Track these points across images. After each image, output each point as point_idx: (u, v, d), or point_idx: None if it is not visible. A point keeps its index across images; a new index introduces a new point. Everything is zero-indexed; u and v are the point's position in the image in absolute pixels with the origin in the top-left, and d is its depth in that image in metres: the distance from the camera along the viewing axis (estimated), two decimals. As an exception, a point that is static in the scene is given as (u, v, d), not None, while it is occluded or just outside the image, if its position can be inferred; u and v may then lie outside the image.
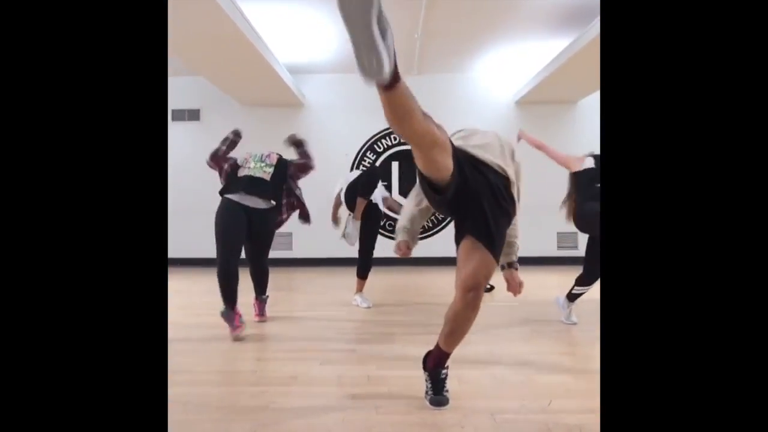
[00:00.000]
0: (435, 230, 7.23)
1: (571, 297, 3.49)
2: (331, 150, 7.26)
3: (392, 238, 2.69)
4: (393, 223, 7.17)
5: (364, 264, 4.18)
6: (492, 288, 4.79)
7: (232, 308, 3.12)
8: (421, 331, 3.18)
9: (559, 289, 4.64)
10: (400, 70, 1.44)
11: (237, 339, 3.02)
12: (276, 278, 6.29)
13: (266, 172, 3.66)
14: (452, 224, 2.19)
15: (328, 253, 7.16)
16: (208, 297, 4.08)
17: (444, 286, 5.04)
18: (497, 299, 4.37)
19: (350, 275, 4.27)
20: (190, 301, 4.35)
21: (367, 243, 4.22)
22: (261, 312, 3.69)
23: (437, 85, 7.24)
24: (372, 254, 4.21)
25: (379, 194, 4.29)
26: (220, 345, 2.93)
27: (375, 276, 5.08)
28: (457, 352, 2.14)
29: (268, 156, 3.75)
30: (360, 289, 4.20)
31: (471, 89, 7.26)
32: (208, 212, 7.15)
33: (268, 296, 3.77)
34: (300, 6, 5.18)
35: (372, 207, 4.26)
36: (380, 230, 4.91)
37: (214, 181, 5.78)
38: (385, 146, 7.27)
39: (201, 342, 3.00)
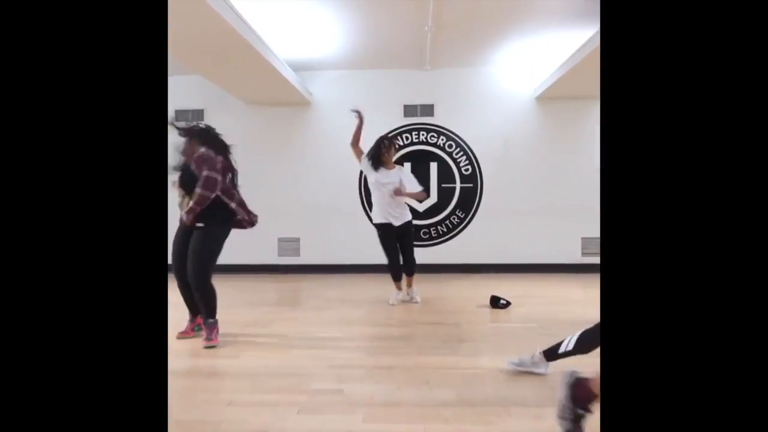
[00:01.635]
0: (448, 236, 6.83)
1: (553, 357, 2.59)
2: (341, 149, 6.89)
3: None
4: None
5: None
6: (508, 304, 4.38)
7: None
8: (425, 363, 2.81)
9: (582, 306, 4.22)
10: (411, 65, 1.34)
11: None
12: (281, 288, 6.05)
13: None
14: (466, 231, 1.93)
15: (339, 259, 6.82)
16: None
17: (456, 299, 4.66)
18: (513, 319, 3.96)
19: (359, 284, 3.90)
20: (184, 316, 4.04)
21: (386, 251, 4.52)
22: (207, 335, 3.31)
23: (451, 80, 6.81)
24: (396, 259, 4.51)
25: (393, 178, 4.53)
26: (190, 381, 2.60)
27: (378, 285, 4.74)
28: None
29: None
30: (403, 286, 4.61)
31: (488, 84, 6.81)
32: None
33: (214, 321, 3.37)
34: (302, 0, 4.84)
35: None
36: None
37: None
38: (398, 146, 6.85)
39: (171, 375, 2.68)
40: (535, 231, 6.67)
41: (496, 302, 4.41)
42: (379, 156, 4.64)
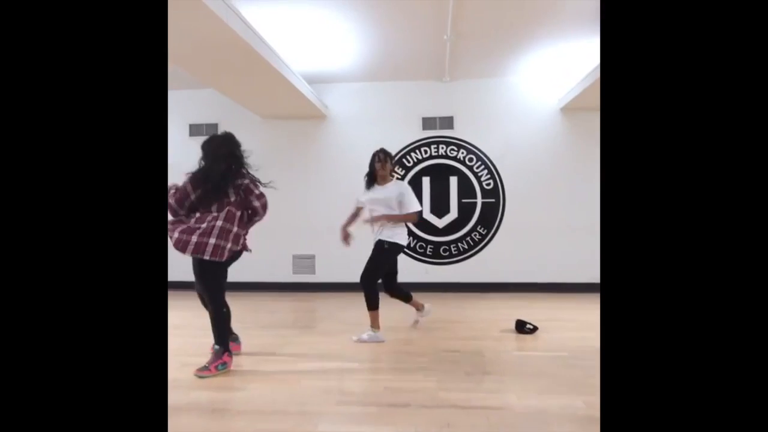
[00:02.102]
0: (468, 253, 6.54)
1: None
2: (358, 164, 6.68)
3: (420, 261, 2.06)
4: (423, 245, 6.56)
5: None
6: (535, 329, 4.08)
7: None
8: (446, 400, 2.53)
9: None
10: (429, 76, 1.05)
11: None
12: (294, 308, 5.81)
13: None
14: (487, 248, 1.75)
15: (355, 277, 6.55)
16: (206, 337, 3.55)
17: (478, 322, 4.37)
18: (541, 347, 3.66)
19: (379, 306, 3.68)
20: (186, 341, 3.83)
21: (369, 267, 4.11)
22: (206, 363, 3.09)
23: (471, 91, 6.57)
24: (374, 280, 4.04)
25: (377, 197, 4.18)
26: (186, 418, 2.37)
27: (395, 306, 4.48)
28: None
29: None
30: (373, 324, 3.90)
31: (510, 95, 6.55)
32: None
33: (219, 348, 3.13)
34: (316, 11, 4.68)
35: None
36: (406, 250, 4.29)
37: None
38: (415, 160, 6.64)
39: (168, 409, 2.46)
40: (561, 248, 6.35)
41: (521, 327, 4.11)
42: (372, 171, 4.19)
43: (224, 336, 3.13)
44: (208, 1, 3.39)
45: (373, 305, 3.86)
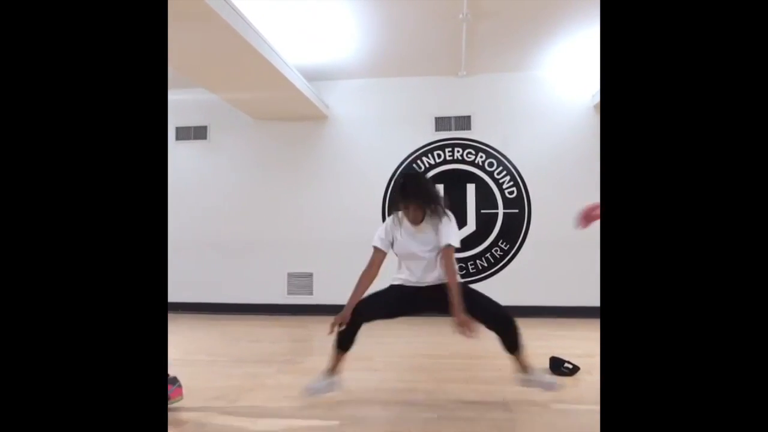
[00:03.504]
0: (488, 272, 5.67)
1: None
2: (362, 171, 5.92)
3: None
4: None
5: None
6: (575, 369, 3.20)
7: None
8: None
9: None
10: (443, 70, 0.69)
11: None
12: (283, 335, 4.77)
13: None
14: (511, 265, 2.70)
15: (357, 299, 5.74)
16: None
17: (501, 357, 3.46)
18: (585, 396, 2.76)
19: (378, 333, 2.79)
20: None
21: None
22: None
23: (492, 86, 5.77)
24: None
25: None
26: None
27: (401, 331, 3.62)
28: None
29: None
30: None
31: (535, 91, 5.73)
32: (217, 247, 5.94)
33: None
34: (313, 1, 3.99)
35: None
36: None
37: (226, 210, 4.61)
38: (428, 165, 5.84)
39: None
40: (596, 266, 5.43)
41: (557, 367, 3.24)
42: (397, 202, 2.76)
43: None
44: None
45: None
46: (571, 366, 3.21)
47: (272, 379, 3.14)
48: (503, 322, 2.54)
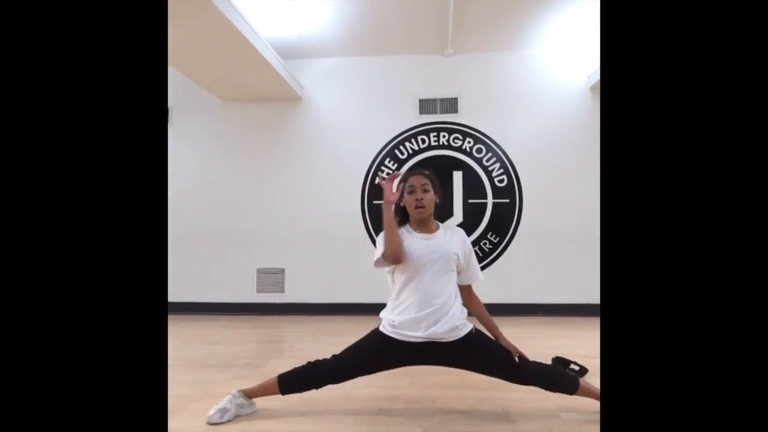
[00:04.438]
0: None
1: None
2: (340, 158, 5.43)
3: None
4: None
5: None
6: (582, 371, 2.75)
7: None
8: None
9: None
10: (428, 49, 0.64)
11: None
12: (249, 337, 4.10)
13: None
14: (501, 259, 2.40)
15: (334, 297, 5.25)
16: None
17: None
18: (572, 406, 2.26)
19: (360, 333, 2.25)
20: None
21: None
22: None
23: (481, 66, 5.35)
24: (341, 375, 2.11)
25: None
26: None
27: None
28: None
29: None
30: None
31: (528, 71, 5.32)
32: (179, 241, 5.36)
33: None
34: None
35: None
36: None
37: (189, 201, 4.11)
38: (411, 151, 5.38)
39: None
40: (593, 261, 5.01)
41: (563, 367, 2.77)
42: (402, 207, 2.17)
43: None
44: None
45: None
46: (578, 367, 2.75)
47: (225, 386, 2.60)
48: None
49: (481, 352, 2.05)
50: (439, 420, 2.09)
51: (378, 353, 2.06)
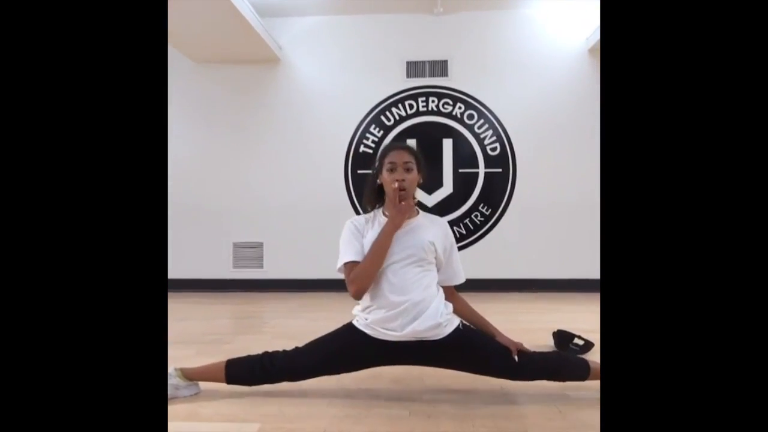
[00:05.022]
0: (468, 239, 4.95)
1: None
2: (321, 124, 5.08)
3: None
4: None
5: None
6: (588, 345, 2.48)
7: None
8: None
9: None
10: (416, 7, 0.19)
11: None
12: (222, 313, 3.83)
13: None
14: (494, 232, 2.42)
15: (315, 272, 4.93)
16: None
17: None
18: (581, 383, 1.99)
19: (346, 310, 1.90)
20: None
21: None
22: None
23: (473, 26, 5.01)
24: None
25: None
26: None
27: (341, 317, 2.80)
28: None
29: None
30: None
31: (523, 33, 5.01)
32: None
33: None
34: None
35: None
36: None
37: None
38: (398, 117, 5.04)
39: None
40: (594, 232, 4.74)
41: (564, 342, 2.51)
42: (378, 187, 1.96)
43: None
44: None
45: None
46: (582, 342, 2.48)
47: (186, 362, 2.28)
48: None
49: (472, 350, 1.78)
50: (428, 400, 1.79)
51: (349, 349, 1.78)
